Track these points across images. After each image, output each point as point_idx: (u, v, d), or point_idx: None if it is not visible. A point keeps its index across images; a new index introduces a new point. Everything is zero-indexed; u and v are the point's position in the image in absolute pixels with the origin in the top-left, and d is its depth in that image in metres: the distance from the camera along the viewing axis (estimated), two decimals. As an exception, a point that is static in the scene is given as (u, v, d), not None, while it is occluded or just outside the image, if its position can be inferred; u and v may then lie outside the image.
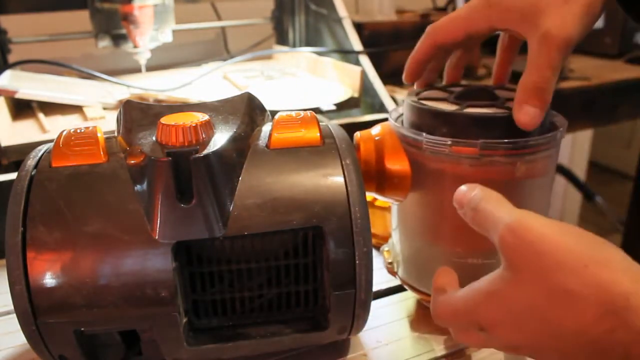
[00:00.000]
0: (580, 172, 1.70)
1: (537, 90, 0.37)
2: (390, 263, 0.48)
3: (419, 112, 0.41)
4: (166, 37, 0.87)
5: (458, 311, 0.32)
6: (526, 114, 0.37)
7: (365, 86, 0.82)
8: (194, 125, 0.36)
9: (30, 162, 0.37)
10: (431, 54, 0.44)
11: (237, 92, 0.44)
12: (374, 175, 0.43)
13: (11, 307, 0.34)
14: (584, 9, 0.37)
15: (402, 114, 0.46)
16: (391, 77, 0.89)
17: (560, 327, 0.28)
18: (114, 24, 0.82)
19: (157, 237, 0.34)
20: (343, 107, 0.78)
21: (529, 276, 0.28)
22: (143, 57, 0.84)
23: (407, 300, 0.50)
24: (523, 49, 0.41)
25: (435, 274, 0.37)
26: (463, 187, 0.34)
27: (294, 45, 1.07)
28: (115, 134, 0.41)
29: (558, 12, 0.37)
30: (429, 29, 0.44)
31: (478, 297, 0.31)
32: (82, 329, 0.35)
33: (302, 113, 0.42)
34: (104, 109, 0.79)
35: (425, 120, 0.41)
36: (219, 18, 1.11)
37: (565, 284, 0.27)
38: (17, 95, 0.74)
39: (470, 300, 0.32)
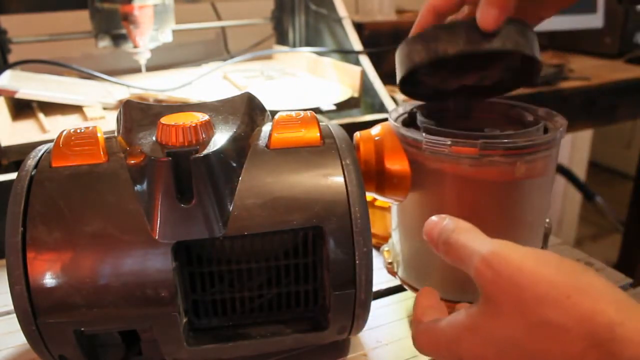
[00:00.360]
0: (580, 172, 1.70)
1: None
2: (390, 263, 0.48)
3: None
4: (166, 37, 0.87)
5: (439, 344, 0.31)
6: (487, 15, 0.38)
7: (365, 86, 0.82)
8: (194, 125, 0.36)
9: (30, 162, 0.37)
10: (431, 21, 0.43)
11: (237, 92, 0.44)
12: (373, 175, 0.43)
13: (11, 307, 0.34)
14: None
15: (402, 114, 0.46)
16: (391, 77, 0.89)
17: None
18: (114, 24, 0.82)
19: (157, 237, 0.34)
20: (343, 107, 0.78)
21: (509, 310, 0.27)
22: (143, 57, 0.84)
23: (407, 300, 0.50)
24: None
25: (417, 296, 0.36)
26: (433, 218, 0.33)
27: (294, 45, 1.07)
28: (115, 134, 0.41)
29: None
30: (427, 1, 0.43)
31: (458, 331, 0.30)
32: (82, 329, 0.35)
33: (302, 113, 0.42)
34: (104, 109, 0.79)
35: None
36: (219, 18, 1.11)
37: (548, 317, 0.26)
38: (17, 95, 0.74)
39: (451, 333, 0.31)
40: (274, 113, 0.43)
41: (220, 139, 0.37)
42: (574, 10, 1.25)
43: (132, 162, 0.36)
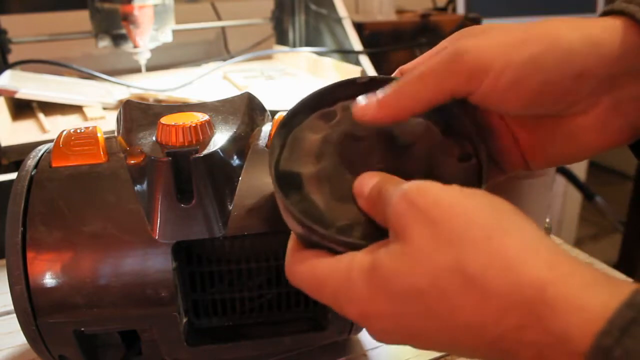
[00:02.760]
0: (580, 172, 1.70)
1: (396, 83, 0.29)
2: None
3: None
4: (166, 37, 0.87)
5: (322, 286, 0.26)
6: (362, 101, 0.29)
7: (365, 86, 0.82)
8: (194, 125, 0.36)
9: (30, 162, 0.37)
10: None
11: (237, 92, 0.44)
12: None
13: (11, 307, 0.34)
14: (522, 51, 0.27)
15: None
16: (391, 77, 0.89)
17: (451, 320, 0.22)
18: (114, 24, 0.82)
19: (157, 237, 0.34)
20: (343, 107, 0.78)
21: (416, 250, 0.23)
22: (143, 57, 0.84)
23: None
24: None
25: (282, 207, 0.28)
26: (368, 173, 0.28)
27: (294, 45, 1.07)
28: (115, 134, 0.41)
29: (492, 43, 0.28)
30: None
31: (350, 273, 0.25)
32: (82, 329, 0.35)
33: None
34: (104, 109, 0.79)
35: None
36: (219, 18, 1.11)
37: (460, 262, 0.21)
38: (17, 95, 0.74)
39: (339, 276, 0.25)
40: (274, 113, 0.43)
41: (220, 139, 0.37)
42: (574, 10, 1.25)
43: (132, 162, 0.36)
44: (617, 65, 0.27)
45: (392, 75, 0.33)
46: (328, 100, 0.32)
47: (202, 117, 0.37)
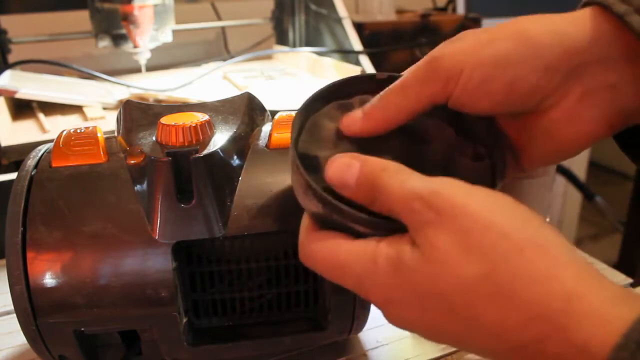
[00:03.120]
0: (580, 172, 1.70)
1: (380, 95, 0.30)
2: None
3: None
4: (166, 37, 0.87)
5: (345, 269, 0.26)
6: (348, 115, 0.30)
7: (365, 86, 0.82)
8: (194, 125, 0.36)
9: (30, 162, 0.37)
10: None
11: (237, 92, 0.44)
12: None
13: (11, 307, 0.34)
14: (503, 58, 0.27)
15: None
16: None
17: (474, 325, 0.22)
18: (114, 24, 0.82)
19: (157, 237, 0.34)
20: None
21: (443, 258, 0.23)
22: (143, 57, 0.84)
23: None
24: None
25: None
26: (339, 160, 0.27)
27: (294, 45, 1.07)
28: (115, 134, 0.41)
29: (471, 42, 0.28)
30: None
31: (379, 265, 0.25)
32: (82, 329, 0.35)
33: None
34: (104, 109, 0.79)
35: None
36: (219, 18, 1.11)
37: (491, 273, 0.22)
38: (17, 95, 0.74)
39: (366, 264, 0.25)
40: (274, 113, 0.43)
41: (220, 139, 0.37)
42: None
43: (132, 162, 0.36)
44: (584, 55, 0.27)
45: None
46: (346, 92, 0.33)
47: (202, 117, 0.37)
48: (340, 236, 0.27)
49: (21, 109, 0.80)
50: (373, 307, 0.39)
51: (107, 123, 0.73)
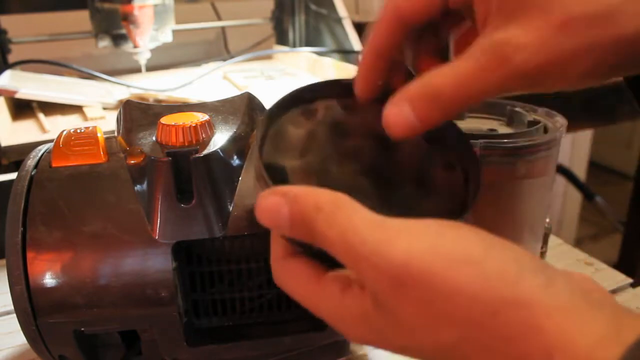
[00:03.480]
0: (580, 172, 1.70)
1: (424, 95, 0.25)
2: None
3: None
4: (166, 37, 0.87)
5: (318, 308, 0.25)
6: (399, 120, 0.26)
7: (365, 86, 0.82)
8: (194, 125, 0.36)
9: (30, 162, 0.37)
10: (395, 39, 0.28)
11: (237, 92, 0.44)
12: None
13: (11, 307, 0.34)
14: (582, 53, 0.23)
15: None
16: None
17: None
18: (114, 24, 0.82)
19: (157, 237, 0.34)
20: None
21: (412, 326, 0.21)
22: (143, 57, 0.84)
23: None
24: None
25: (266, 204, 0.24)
26: (272, 200, 0.24)
27: (294, 45, 1.07)
28: (115, 134, 0.41)
29: (544, 31, 0.23)
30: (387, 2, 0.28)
31: (343, 316, 0.23)
32: (82, 329, 0.35)
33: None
34: (104, 109, 0.79)
35: None
36: (219, 18, 1.11)
37: (466, 340, 0.20)
38: (17, 95, 0.74)
39: (332, 310, 0.24)
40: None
41: (220, 139, 0.37)
42: None
43: (132, 162, 0.36)
44: None
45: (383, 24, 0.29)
46: (309, 97, 0.31)
47: (202, 117, 0.37)
48: (306, 272, 0.25)
49: (21, 109, 0.80)
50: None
51: (107, 123, 0.73)
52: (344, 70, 0.85)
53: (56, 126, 0.73)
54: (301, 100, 0.31)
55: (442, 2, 0.27)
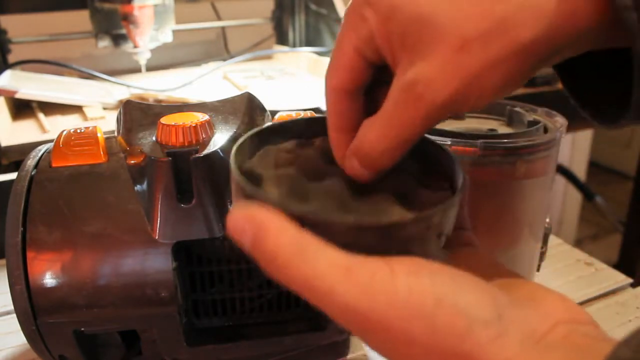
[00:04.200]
0: (580, 172, 1.70)
1: (359, 151, 0.26)
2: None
3: None
4: (166, 37, 0.87)
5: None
6: (351, 168, 0.27)
7: (365, 86, 0.82)
8: (194, 125, 0.36)
9: (30, 162, 0.37)
10: (348, 104, 0.28)
11: (237, 92, 0.44)
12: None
13: (11, 307, 0.34)
14: (488, 70, 0.23)
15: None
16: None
17: None
18: (114, 24, 0.82)
19: (157, 237, 0.34)
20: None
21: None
22: (143, 57, 0.84)
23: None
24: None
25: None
26: (238, 217, 0.23)
27: (294, 45, 1.07)
28: (115, 134, 0.41)
29: (445, 59, 0.23)
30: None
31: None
32: (82, 329, 0.35)
33: (302, 113, 0.42)
34: (104, 109, 0.79)
35: None
36: (219, 18, 1.11)
37: None
38: (17, 95, 0.74)
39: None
40: (274, 113, 0.43)
41: (220, 139, 0.37)
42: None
43: (132, 162, 0.36)
44: None
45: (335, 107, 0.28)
46: (308, 132, 0.31)
47: (202, 117, 0.37)
48: None
49: (21, 109, 0.80)
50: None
51: (107, 123, 0.73)
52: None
53: (56, 126, 0.73)
54: (298, 133, 0.31)
55: (366, 64, 0.27)
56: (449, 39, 0.23)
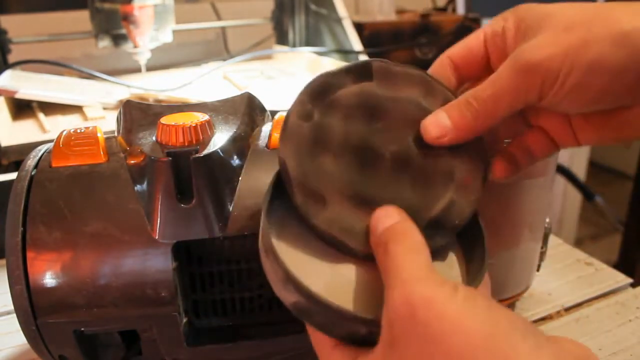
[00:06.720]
0: (580, 172, 1.70)
1: (469, 104, 0.30)
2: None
3: None
4: (166, 37, 0.87)
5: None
6: (434, 124, 0.31)
7: (365, 86, 0.82)
8: (194, 125, 0.36)
9: (30, 162, 0.37)
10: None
11: (237, 92, 0.43)
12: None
13: (11, 307, 0.34)
14: (584, 46, 0.27)
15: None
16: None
17: None
18: (114, 24, 0.82)
19: (157, 237, 0.34)
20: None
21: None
22: (143, 57, 0.84)
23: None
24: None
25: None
26: (382, 213, 0.29)
27: (294, 45, 1.07)
28: (115, 134, 0.41)
29: (551, 35, 0.28)
30: None
31: None
32: (82, 329, 0.35)
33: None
34: (104, 109, 0.79)
35: None
36: (219, 18, 1.11)
37: None
38: (17, 95, 0.74)
39: None
40: (274, 113, 0.43)
41: (220, 139, 0.37)
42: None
43: (132, 162, 0.36)
44: None
45: (438, 65, 0.34)
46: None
47: (202, 117, 0.37)
48: (348, 354, 0.28)
49: (21, 109, 0.80)
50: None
51: (107, 123, 0.73)
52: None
53: (56, 126, 0.73)
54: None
55: (484, 53, 0.33)
56: (558, 23, 0.28)
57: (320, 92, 0.32)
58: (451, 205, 0.30)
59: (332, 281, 0.30)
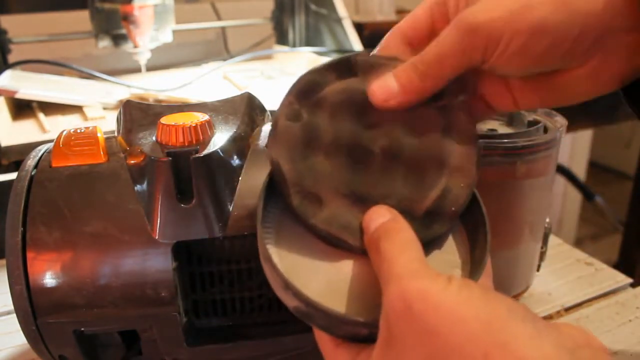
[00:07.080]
0: (580, 172, 1.70)
1: (415, 67, 0.30)
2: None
3: None
4: (166, 37, 0.87)
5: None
6: (382, 88, 0.31)
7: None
8: (194, 125, 0.36)
9: (30, 162, 0.37)
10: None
11: (237, 92, 0.43)
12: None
13: (11, 307, 0.34)
14: (526, 9, 0.28)
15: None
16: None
17: None
18: (114, 24, 0.82)
19: (157, 237, 0.34)
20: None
21: (412, 357, 0.23)
22: (143, 57, 0.84)
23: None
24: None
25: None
26: (374, 212, 0.29)
27: (294, 45, 1.07)
28: (115, 134, 0.41)
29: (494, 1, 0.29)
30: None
31: None
32: (82, 329, 0.35)
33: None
34: (104, 109, 0.79)
35: None
36: (219, 18, 1.11)
37: None
38: (17, 95, 0.74)
39: None
40: (274, 113, 0.43)
41: (220, 139, 0.37)
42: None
43: (132, 162, 0.36)
44: (614, 21, 0.28)
45: (390, 37, 0.34)
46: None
47: (202, 117, 0.37)
48: (350, 352, 0.28)
49: (21, 109, 0.80)
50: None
51: (107, 123, 0.73)
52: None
53: (56, 126, 0.73)
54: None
55: (429, 22, 0.33)
56: None
57: (306, 91, 0.32)
58: (446, 191, 0.30)
59: (333, 281, 0.30)
